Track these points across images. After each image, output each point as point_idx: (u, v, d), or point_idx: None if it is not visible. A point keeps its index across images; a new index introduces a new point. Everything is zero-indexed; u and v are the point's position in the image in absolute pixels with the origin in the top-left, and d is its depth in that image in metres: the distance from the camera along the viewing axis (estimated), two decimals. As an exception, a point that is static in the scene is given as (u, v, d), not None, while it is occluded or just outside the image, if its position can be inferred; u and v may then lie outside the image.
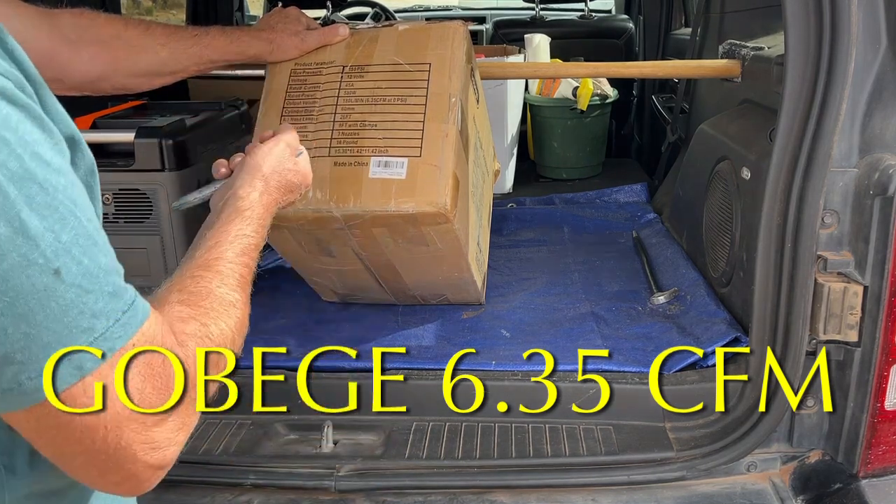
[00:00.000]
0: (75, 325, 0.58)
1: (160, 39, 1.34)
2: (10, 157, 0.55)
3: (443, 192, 1.41)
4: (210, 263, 0.84)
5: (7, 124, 0.55)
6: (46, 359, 0.57)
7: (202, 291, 0.79)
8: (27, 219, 0.55)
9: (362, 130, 1.46)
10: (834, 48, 1.24)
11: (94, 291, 0.59)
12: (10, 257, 0.54)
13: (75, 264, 0.58)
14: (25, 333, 0.56)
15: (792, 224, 1.32)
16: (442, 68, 1.48)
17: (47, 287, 0.56)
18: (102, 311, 0.60)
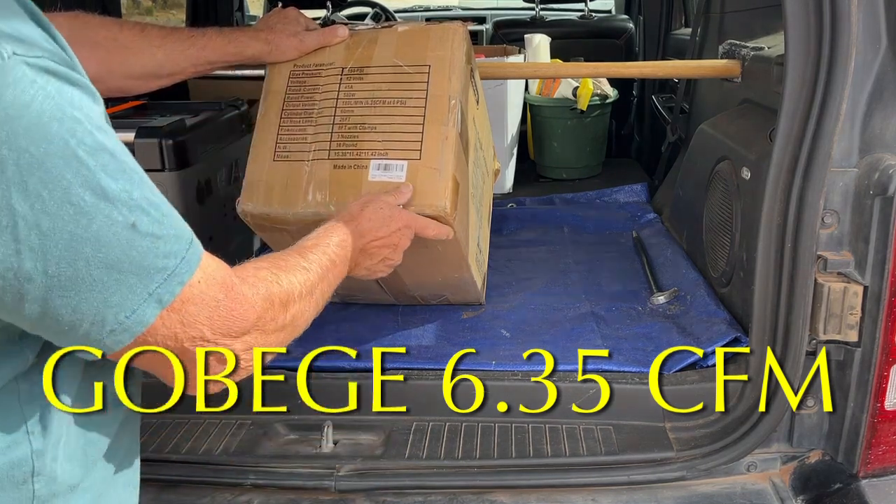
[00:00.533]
0: (153, 267, 0.69)
1: (156, 41, 1.34)
2: (85, 134, 0.64)
3: (442, 195, 1.41)
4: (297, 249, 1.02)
5: (74, 104, 0.64)
6: (135, 297, 0.68)
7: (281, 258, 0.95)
8: (106, 185, 0.65)
9: (362, 133, 1.46)
10: (834, 48, 1.24)
11: (163, 237, 0.70)
12: (98, 219, 0.64)
13: (146, 216, 0.68)
14: (117, 280, 0.67)
15: (792, 224, 1.32)
16: (442, 70, 1.48)
17: (128, 239, 0.67)
18: (171, 252, 0.70)
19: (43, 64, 0.62)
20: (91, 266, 0.65)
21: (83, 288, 0.65)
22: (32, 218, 0.61)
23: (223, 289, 0.76)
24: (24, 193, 0.61)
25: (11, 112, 0.59)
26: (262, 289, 0.83)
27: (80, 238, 0.64)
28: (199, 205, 1.97)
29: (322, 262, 1.01)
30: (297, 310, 0.90)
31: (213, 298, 0.75)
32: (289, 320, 0.88)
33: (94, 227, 0.64)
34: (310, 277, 0.95)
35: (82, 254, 0.64)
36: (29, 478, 0.74)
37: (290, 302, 0.88)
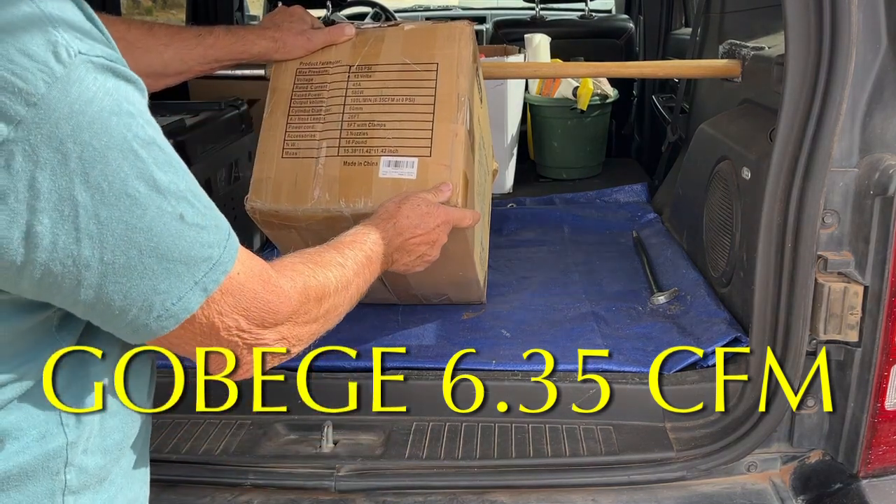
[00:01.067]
0: (198, 256, 0.72)
1: (163, 40, 1.34)
2: (139, 128, 0.67)
3: (453, 192, 1.41)
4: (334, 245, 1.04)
5: (128, 98, 0.67)
6: (182, 285, 0.71)
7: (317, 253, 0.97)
8: (158, 177, 0.68)
9: (371, 130, 1.46)
10: (834, 48, 1.24)
11: (206, 227, 0.73)
12: (151, 210, 0.68)
13: (190, 208, 0.71)
14: (167, 268, 0.70)
15: (792, 224, 1.32)
16: (450, 68, 1.48)
17: (177, 229, 0.70)
18: (214, 242, 0.74)
19: (103, 62, 0.65)
20: (143, 254, 0.68)
21: (135, 275, 0.68)
22: (92, 208, 0.64)
23: (261, 281, 0.79)
24: (86, 185, 0.64)
25: (76, 108, 0.62)
26: (300, 282, 0.86)
27: (135, 228, 0.67)
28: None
29: (358, 259, 1.04)
30: (332, 304, 0.92)
31: (251, 290, 0.78)
32: (322, 313, 0.90)
33: (147, 217, 0.67)
34: (345, 273, 0.97)
35: (135, 242, 0.67)
36: (62, 468, 0.76)
37: (326, 296, 0.90)
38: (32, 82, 0.60)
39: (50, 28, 0.62)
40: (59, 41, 0.62)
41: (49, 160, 0.62)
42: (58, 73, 0.61)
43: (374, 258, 1.10)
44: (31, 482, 0.74)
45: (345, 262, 0.99)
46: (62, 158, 0.62)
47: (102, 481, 0.81)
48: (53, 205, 0.63)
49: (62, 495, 0.76)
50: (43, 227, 0.63)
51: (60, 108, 0.61)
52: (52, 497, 0.75)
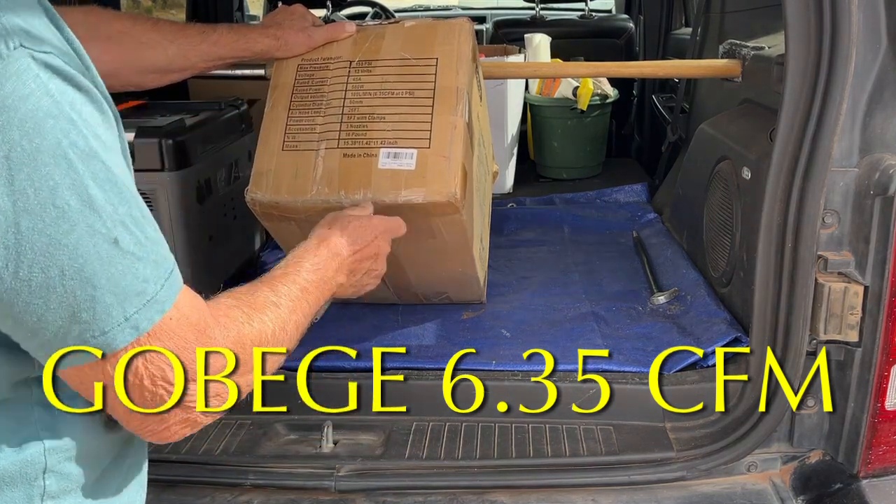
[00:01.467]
0: (131, 289, 0.66)
1: (169, 36, 1.35)
2: (78, 137, 0.62)
3: (452, 182, 1.41)
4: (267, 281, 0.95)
5: (74, 107, 0.62)
6: (109, 319, 0.65)
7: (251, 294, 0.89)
8: (93, 193, 0.62)
9: (371, 122, 1.47)
10: (834, 48, 1.24)
11: (143, 259, 0.67)
12: (80, 227, 0.62)
13: (129, 234, 0.65)
14: (91, 296, 0.63)
15: (792, 224, 1.32)
16: (449, 63, 1.49)
17: (108, 254, 0.64)
18: (151, 277, 0.67)
19: (49, 60, 0.61)
20: (65, 276, 0.62)
21: (53, 297, 0.62)
22: (13, 215, 0.59)
23: (195, 330, 0.72)
24: (9, 188, 0.59)
25: (8, 103, 0.58)
26: (234, 331, 0.79)
27: (59, 244, 0.61)
28: (199, 205, 1.97)
29: (292, 294, 0.95)
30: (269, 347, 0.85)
31: (181, 339, 0.71)
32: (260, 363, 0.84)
33: (74, 234, 0.62)
34: (280, 314, 0.89)
35: (57, 260, 0.61)
36: (40, 475, 0.74)
37: (263, 343, 0.83)
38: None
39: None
40: (2, 33, 0.58)
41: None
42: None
43: (310, 288, 1.01)
44: (8, 488, 0.72)
45: (279, 300, 0.91)
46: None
47: (85, 486, 0.78)
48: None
49: (41, 500, 0.74)
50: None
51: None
52: (29, 501, 0.73)
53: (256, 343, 0.82)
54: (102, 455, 0.81)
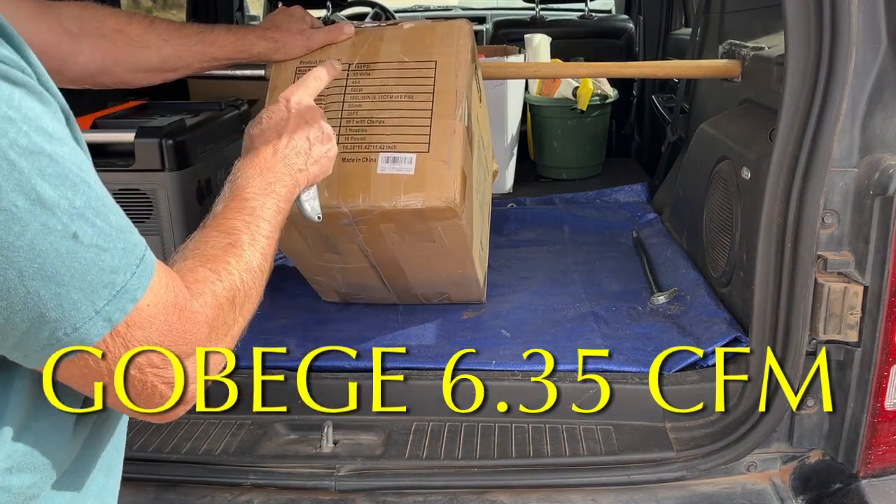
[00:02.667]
0: (98, 281, 0.64)
1: (164, 35, 1.34)
2: (18, 135, 0.59)
3: (451, 187, 1.41)
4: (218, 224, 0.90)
5: (10, 103, 0.59)
6: (79, 314, 0.63)
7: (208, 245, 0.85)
8: (42, 190, 0.60)
9: (370, 127, 1.47)
10: (834, 48, 1.24)
11: (109, 249, 0.65)
12: (32, 227, 0.60)
13: (90, 226, 0.63)
14: (56, 294, 0.62)
15: (792, 224, 1.32)
16: (448, 65, 1.49)
17: (69, 250, 0.62)
18: (119, 266, 0.65)
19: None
20: (25, 277, 0.60)
21: (16, 299, 0.61)
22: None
23: (176, 310, 0.71)
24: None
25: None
26: (209, 296, 0.77)
27: (12, 246, 0.59)
28: (199, 205, 1.97)
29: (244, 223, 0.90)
30: (244, 296, 0.83)
31: (164, 322, 0.69)
32: (239, 313, 0.82)
33: (27, 234, 0.60)
34: (241, 253, 0.85)
35: (14, 262, 0.60)
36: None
37: (236, 294, 0.81)
38: None
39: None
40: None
41: None
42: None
43: (257, 207, 0.94)
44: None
45: (233, 238, 0.87)
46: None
47: (34, 498, 0.74)
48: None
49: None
50: None
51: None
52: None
53: (231, 298, 0.80)
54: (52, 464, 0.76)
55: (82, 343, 0.65)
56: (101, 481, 0.85)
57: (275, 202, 0.98)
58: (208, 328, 0.75)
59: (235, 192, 0.96)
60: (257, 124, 1.11)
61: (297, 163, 1.08)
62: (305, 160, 1.10)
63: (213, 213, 0.92)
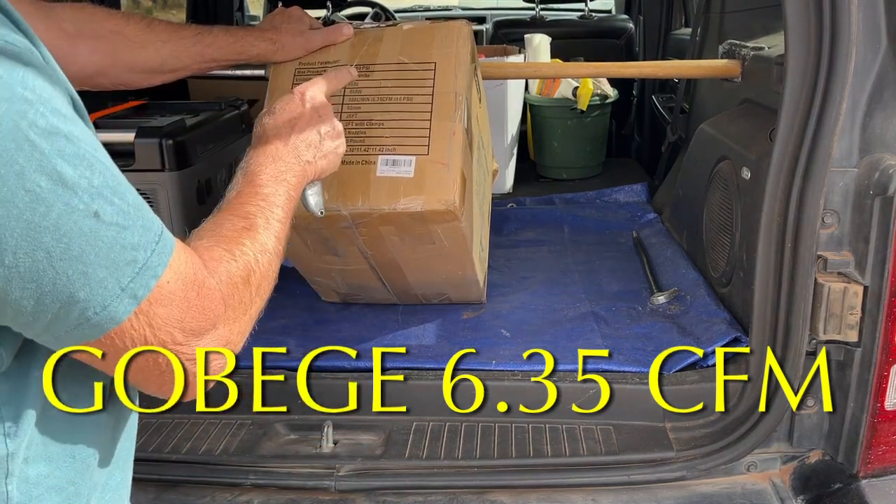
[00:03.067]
0: (121, 259, 0.65)
1: (162, 36, 1.33)
2: (37, 116, 0.59)
3: (451, 190, 1.41)
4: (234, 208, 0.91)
5: (26, 84, 0.59)
6: (106, 292, 0.64)
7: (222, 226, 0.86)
8: (62, 170, 0.61)
9: (369, 129, 1.47)
10: (834, 48, 1.24)
11: (129, 227, 0.66)
12: (56, 207, 0.60)
13: (109, 205, 0.64)
14: (83, 273, 0.63)
15: (792, 224, 1.32)
16: (447, 67, 1.49)
17: (92, 228, 0.63)
18: (140, 244, 0.66)
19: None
20: (53, 257, 0.61)
21: (45, 280, 0.62)
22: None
23: (195, 286, 0.72)
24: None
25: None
26: (224, 274, 0.77)
27: (38, 227, 0.60)
28: (199, 205, 1.97)
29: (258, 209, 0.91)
30: (259, 276, 0.84)
31: (184, 299, 0.70)
32: (255, 293, 0.82)
33: (52, 215, 0.60)
34: (256, 236, 0.86)
35: (41, 243, 0.60)
36: (3, 480, 0.71)
37: (251, 273, 0.82)
38: None
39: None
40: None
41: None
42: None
43: (270, 194, 0.96)
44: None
45: (248, 222, 0.88)
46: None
47: (52, 490, 0.75)
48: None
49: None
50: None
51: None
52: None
53: (246, 276, 0.81)
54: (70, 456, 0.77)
55: (112, 321, 0.66)
56: (119, 476, 0.86)
57: (286, 190, 1.00)
58: (224, 305, 0.76)
59: (249, 179, 0.97)
60: (270, 114, 1.12)
61: (307, 155, 1.10)
62: (315, 153, 1.12)
63: (226, 199, 0.93)
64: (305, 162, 1.09)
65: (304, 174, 1.08)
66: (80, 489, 0.79)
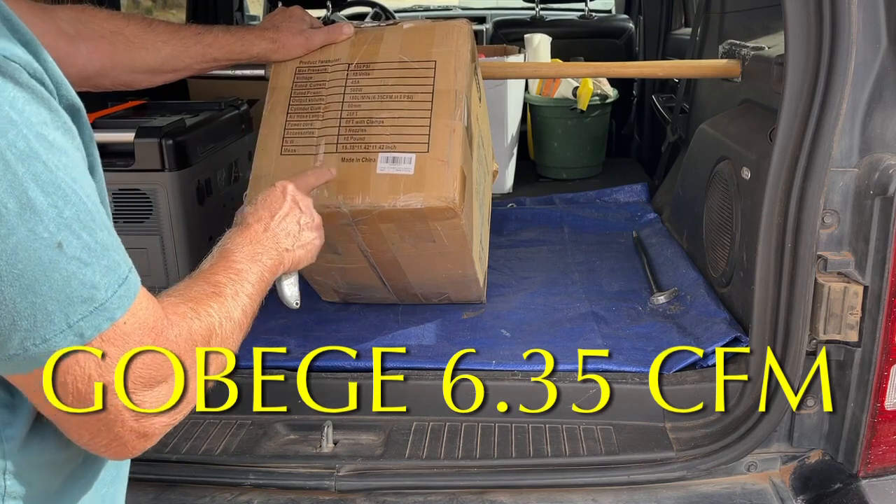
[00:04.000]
0: (76, 295, 0.63)
1: (162, 36, 1.34)
2: (17, 138, 0.58)
3: (451, 187, 1.41)
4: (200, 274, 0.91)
5: (14, 106, 0.59)
6: (51, 326, 0.62)
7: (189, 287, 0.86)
8: (33, 195, 0.59)
9: (369, 127, 1.47)
10: (834, 48, 1.24)
11: (92, 264, 0.63)
12: (19, 231, 0.59)
13: (76, 238, 0.62)
14: (32, 303, 0.61)
15: (792, 224, 1.32)
16: (447, 65, 1.49)
17: (51, 259, 0.61)
18: (101, 284, 0.64)
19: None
20: (3, 282, 0.59)
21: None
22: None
23: (152, 334, 0.69)
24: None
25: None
26: (185, 328, 0.75)
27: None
28: (199, 205, 1.97)
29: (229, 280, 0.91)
30: (220, 340, 0.82)
31: (138, 343, 0.67)
32: (214, 357, 0.80)
33: (12, 239, 0.59)
34: (224, 302, 0.85)
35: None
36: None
37: (212, 336, 0.80)
38: None
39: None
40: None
41: None
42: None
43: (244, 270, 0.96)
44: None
45: (218, 290, 0.87)
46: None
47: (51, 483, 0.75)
48: None
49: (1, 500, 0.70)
50: None
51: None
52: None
53: (206, 336, 0.79)
54: (63, 463, 0.76)
55: (48, 355, 0.63)
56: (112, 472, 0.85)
57: (260, 270, 0.99)
58: (178, 360, 0.73)
59: (224, 255, 0.98)
60: (251, 204, 1.15)
61: (286, 243, 1.12)
62: (293, 242, 1.14)
63: (199, 269, 0.93)
64: (283, 249, 1.10)
65: (281, 260, 1.09)
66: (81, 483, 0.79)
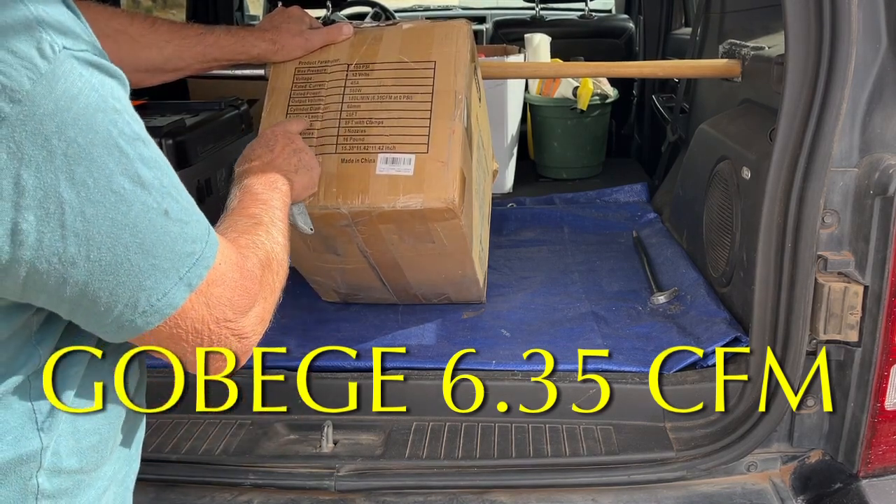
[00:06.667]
0: (182, 251, 0.72)
1: (165, 36, 1.35)
2: (124, 125, 0.67)
3: (450, 188, 1.41)
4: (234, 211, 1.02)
5: (114, 94, 0.67)
6: (167, 281, 0.71)
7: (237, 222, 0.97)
8: (142, 173, 0.68)
9: (369, 128, 1.47)
10: (834, 48, 1.24)
11: (189, 222, 0.74)
12: (136, 206, 0.68)
13: (175, 203, 0.72)
14: (152, 265, 0.70)
15: (792, 224, 1.32)
16: (447, 66, 1.49)
17: (162, 225, 0.70)
18: (197, 236, 0.74)
19: (87, 57, 0.65)
20: (129, 251, 0.68)
21: (121, 272, 0.68)
22: (78, 205, 0.64)
23: (237, 268, 0.80)
24: (70, 182, 0.63)
25: (61, 104, 0.62)
26: (254, 258, 0.86)
27: (120, 224, 0.67)
28: (200, 205, 1.97)
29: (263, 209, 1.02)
30: (277, 265, 0.93)
31: (231, 279, 0.78)
32: (276, 279, 0.91)
33: (132, 213, 0.67)
34: (268, 229, 0.96)
35: (121, 239, 0.67)
36: (35, 473, 0.74)
37: (271, 261, 0.91)
38: (17, 79, 0.60)
39: (37, 27, 0.61)
40: (44, 38, 0.61)
41: (34, 157, 0.61)
42: (42, 69, 0.61)
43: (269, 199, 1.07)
44: (2, 486, 0.73)
45: (259, 221, 0.98)
46: (47, 155, 0.62)
47: (80, 484, 0.79)
48: (38, 202, 0.62)
49: (34, 499, 0.75)
50: (28, 225, 0.62)
51: (45, 104, 0.61)
52: (23, 501, 0.74)
53: (268, 262, 0.89)
54: (96, 451, 0.81)
55: (171, 307, 0.72)
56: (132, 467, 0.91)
57: (280, 196, 1.10)
58: (259, 285, 0.84)
59: (245, 190, 1.07)
60: (248, 146, 1.25)
61: (290, 168, 1.22)
62: (296, 167, 1.24)
63: (228, 208, 1.02)
64: (291, 173, 1.21)
65: (291, 184, 1.19)
66: (105, 484, 0.83)
